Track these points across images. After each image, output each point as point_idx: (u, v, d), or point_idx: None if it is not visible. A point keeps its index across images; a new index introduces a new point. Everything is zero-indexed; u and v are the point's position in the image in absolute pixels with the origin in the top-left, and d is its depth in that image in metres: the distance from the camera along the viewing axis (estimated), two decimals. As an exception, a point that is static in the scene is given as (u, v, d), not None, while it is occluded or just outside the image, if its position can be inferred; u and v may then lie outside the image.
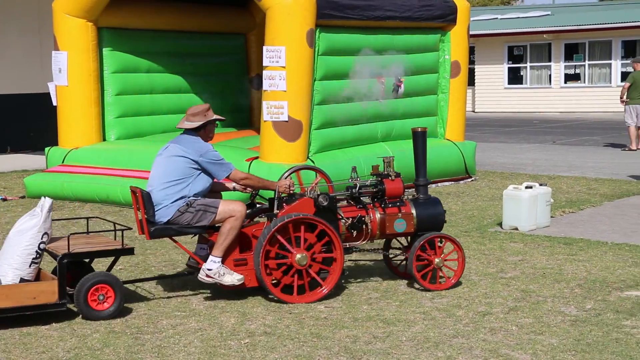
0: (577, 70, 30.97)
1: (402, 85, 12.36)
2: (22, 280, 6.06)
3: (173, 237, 6.62)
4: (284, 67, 10.61)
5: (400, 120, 12.47)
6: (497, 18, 35.19)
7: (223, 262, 6.49)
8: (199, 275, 6.52)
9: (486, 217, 10.14)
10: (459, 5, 12.89)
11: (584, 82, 30.54)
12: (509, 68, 32.04)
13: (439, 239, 6.94)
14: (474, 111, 32.09)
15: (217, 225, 6.53)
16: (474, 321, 6.00)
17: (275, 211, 6.66)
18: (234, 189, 6.97)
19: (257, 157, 10.92)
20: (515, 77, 32.08)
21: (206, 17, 13.72)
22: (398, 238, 7.32)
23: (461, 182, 13.20)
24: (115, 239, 6.48)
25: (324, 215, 6.61)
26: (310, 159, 10.93)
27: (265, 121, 10.85)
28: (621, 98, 18.13)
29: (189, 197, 6.48)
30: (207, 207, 6.46)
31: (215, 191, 6.81)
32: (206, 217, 6.46)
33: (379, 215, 6.89)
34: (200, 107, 6.72)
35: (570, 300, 6.51)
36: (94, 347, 5.54)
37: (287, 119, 10.68)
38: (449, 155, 13.04)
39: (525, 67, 31.66)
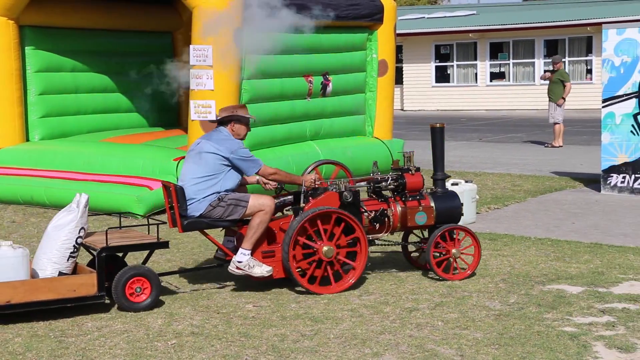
0: (502, 69, 31.52)
1: (330, 84, 12.40)
2: (60, 273, 6.24)
3: (204, 230, 6.84)
4: (211, 66, 10.53)
5: (328, 119, 12.51)
6: (424, 17, 35.58)
7: (252, 254, 6.71)
8: (229, 267, 6.73)
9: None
10: (386, 4, 13.00)
11: (509, 80, 31.10)
12: (436, 67, 32.43)
13: (454, 231, 7.18)
14: (402, 109, 32.40)
15: (246, 218, 6.73)
16: (400, 317, 6.05)
17: (302, 205, 6.88)
18: (257, 182, 7.20)
19: (184, 157, 10.80)
20: (442, 76, 32.50)
21: (132, 15, 13.53)
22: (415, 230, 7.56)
23: (389, 179, 13.28)
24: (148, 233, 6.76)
25: (349, 208, 6.84)
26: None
27: (192, 120, 10.76)
28: (563, 98, 18.36)
29: (220, 192, 6.71)
30: (238, 202, 6.70)
31: (241, 185, 7.03)
32: (237, 211, 6.70)
33: (400, 209, 7.15)
34: (233, 105, 7.11)
35: (495, 295, 6.62)
36: (15, 351, 5.41)
37: (215, 118, 10.59)
38: (378, 153, 13.11)
39: (452, 66, 32.09)
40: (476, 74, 31.60)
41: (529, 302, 6.39)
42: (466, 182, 9.73)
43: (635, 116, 11.42)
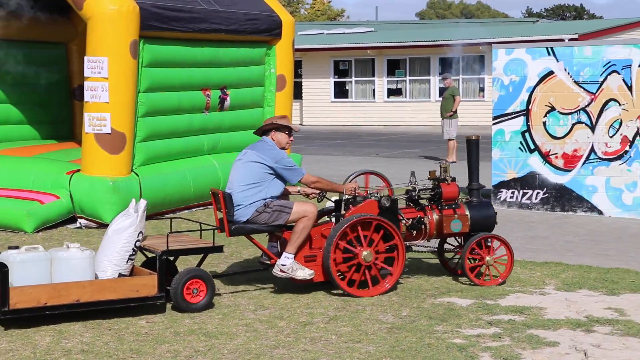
0: (399, 85, 32.10)
1: (228, 98, 12.36)
2: (120, 275, 6.55)
3: (250, 235, 7.20)
4: (106, 78, 10.35)
5: (226, 133, 12.46)
6: (323, 33, 35.95)
7: (295, 258, 7.04)
8: (274, 270, 7.09)
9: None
10: (284, 19, 13.06)
11: (406, 96, 31.69)
12: (335, 82, 32.77)
13: (490, 239, 7.54)
14: (301, 124, 32.57)
15: (289, 224, 7.08)
16: (295, 332, 6.07)
17: (342, 212, 7.24)
18: (299, 192, 7.63)
19: (78, 170, 10.59)
20: (341, 91, 32.85)
21: (25, 25, 13.16)
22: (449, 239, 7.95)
23: (287, 194, 13.33)
24: (201, 238, 7.10)
25: (387, 216, 7.19)
26: (134, 172, 10.73)
27: (87, 133, 10.54)
28: (452, 111, 18.77)
29: (266, 199, 7.09)
30: (283, 208, 7.07)
31: (284, 193, 7.41)
32: (282, 217, 7.06)
33: (436, 217, 7.51)
34: (276, 115, 7.87)
35: (388, 308, 6.71)
36: None
37: (109, 131, 10.42)
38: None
39: (351, 82, 32.48)
40: (374, 90, 32.07)
41: (421, 315, 6.50)
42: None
43: (523, 133, 11.80)
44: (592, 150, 11.38)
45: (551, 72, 11.61)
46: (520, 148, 11.78)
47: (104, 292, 6.33)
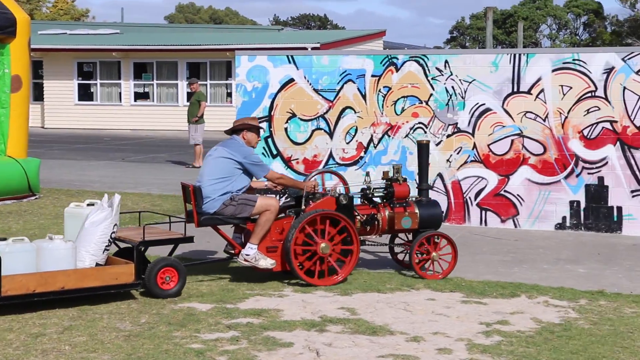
0: (147, 89, 31.70)
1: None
2: (97, 264, 7.06)
3: (217, 226, 7.78)
4: None
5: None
6: (66, 33, 34.70)
7: (258, 248, 7.63)
8: (238, 259, 7.71)
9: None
10: (19, 17, 12.46)
11: (153, 100, 31.35)
12: (79, 84, 31.74)
13: (436, 236, 8.16)
14: (43, 127, 31.26)
15: (254, 217, 7.67)
16: (25, 344, 5.80)
17: (303, 207, 7.88)
18: (266, 187, 8.16)
19: None
20: (85, 94, 31.87)
21: None
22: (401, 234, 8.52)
23: (24, 200, 12.74)
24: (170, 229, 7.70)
25: (344, 212, 7.81)
26: None
27: None
28: (198, 116, 18.75)
29: (232, 193, 7.68)
30: (248, 201, 7.68)
31: (251, 188, 8.01)
32: (246, 210, 7.66)
33: (388, 213, 8.09)
34: (245, 117, 8.46)
35: (126, 316, 6.60)
36: None
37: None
38: (11, 172, 12.52)
39: (96, 84, 31.62)
40: (120, 93, 31.43)
41: (160, 321, 6.46)
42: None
43: (266, 139, 12.07)
44: (331, 155, 11.88)
45: (292, 80, 11.97)
46: (263, 153, 12.05)
47: (87, 279, 6.85)
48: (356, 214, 8.02)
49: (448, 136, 11.38)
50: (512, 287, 7.77)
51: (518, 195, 11.14)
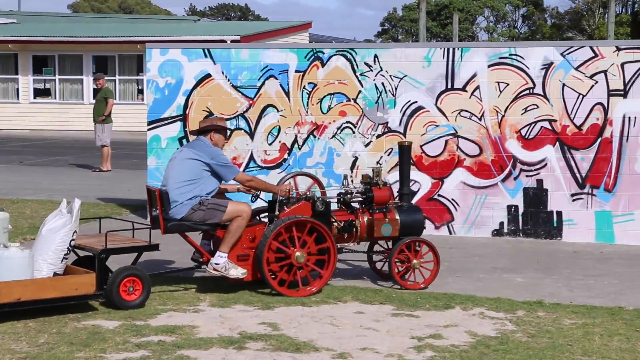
0: (48, 85, 31.16)
1: None
2: (55, 274, 7.13)
3: (184, 233, 7.80)
4: None
5: None
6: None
7: (228, 257, 7.69)
8: (207, 268, 7.78)
9: None
10: None
11: (55, 98, 30.83)
12: (-28, 79, 31.04)
13: (417, 243, 8.21)
14: None
15: (224, 223, 7.73)
16: None
17: (276, 213, 7.92)
18: (238, 190, 8.29)
19: None
20: (-21, 90, 31.19)
21: None
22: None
23: None
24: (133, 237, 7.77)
25: (320, 218, 7.89)
26: None
27: None
28: (105, 115, 18.48)
29: (201, 197, 7.77)
30: (218, 206, 7.75)
31: (220, 192, 8.09)
32: (216, 215, 7.74)
33: (367, 220, 8.15)
34: (212, 117, 8.43)
35: (23, 336, 6.49)
36: None
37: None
38: None
39: (-10, 79, 30.97)
40: (18, 89, 30.84)
41: (61, 340, 6.37)
42: (-2, 210, 9.41)
43: (180, 140, 12.00)
44: (252, 157, 11.87)
45: (209, 75, 11.93)
46: (177, 155, 11.95)
47: (45, 290, 6.87)
48: (333, 220, 8.10)
49: (378, 136, 11.50)
50: (446, 299, 7.89)
51: (453, 199, 11.32)
